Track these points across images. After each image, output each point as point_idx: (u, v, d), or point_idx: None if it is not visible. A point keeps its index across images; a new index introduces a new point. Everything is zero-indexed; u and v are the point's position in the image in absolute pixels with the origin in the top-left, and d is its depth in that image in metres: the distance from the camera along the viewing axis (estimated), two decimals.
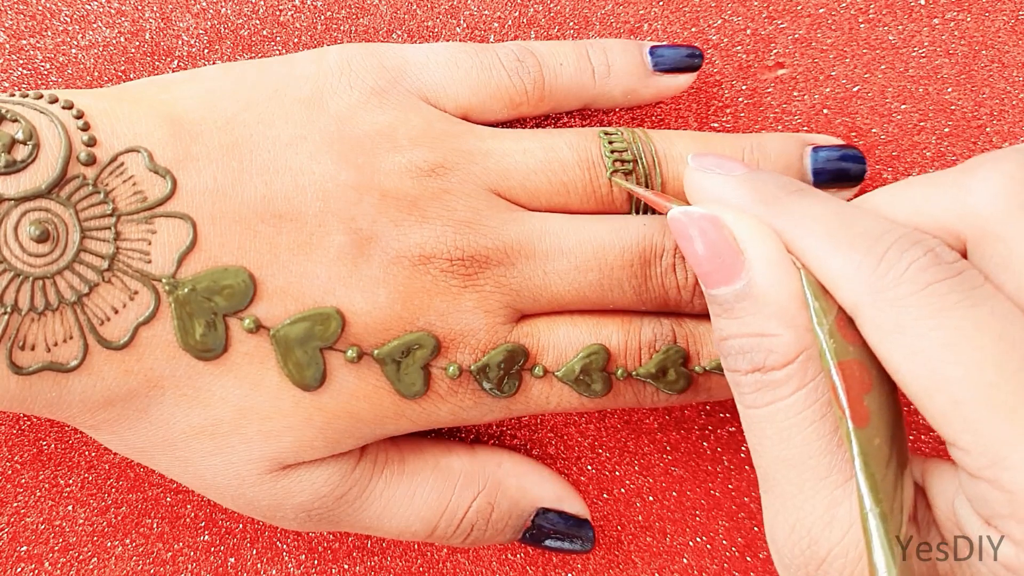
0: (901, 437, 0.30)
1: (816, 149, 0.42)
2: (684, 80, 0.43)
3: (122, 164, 0.34)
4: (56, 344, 0.33)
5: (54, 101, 0.34)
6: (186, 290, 0.34)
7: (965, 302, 0.28)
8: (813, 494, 0.31)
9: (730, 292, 0.32)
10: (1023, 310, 0.28)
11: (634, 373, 0.39)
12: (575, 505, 0.42)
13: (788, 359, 0.31)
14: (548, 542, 0.41)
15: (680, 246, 0.34)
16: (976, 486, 0.28)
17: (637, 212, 0.40)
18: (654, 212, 0.40)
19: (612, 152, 0.40)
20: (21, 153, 0.32)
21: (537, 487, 0.41)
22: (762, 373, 0.32)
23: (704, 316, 0.40)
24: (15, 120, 0.33)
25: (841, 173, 0.42)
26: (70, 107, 0.34)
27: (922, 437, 0.44)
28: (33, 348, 0.33)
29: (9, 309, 0.32)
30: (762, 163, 0.41)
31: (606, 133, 0.40)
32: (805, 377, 0.31)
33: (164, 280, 0.34)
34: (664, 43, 0.43)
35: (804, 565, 0.31)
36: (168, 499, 0.43)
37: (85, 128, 0.34)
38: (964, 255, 0.30)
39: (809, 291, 0.31)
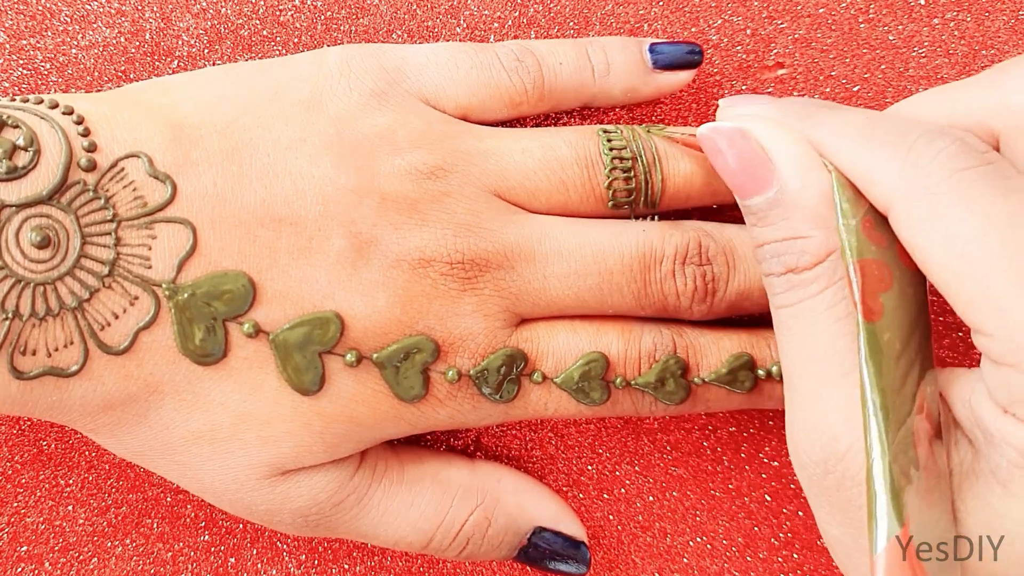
0: (921, 337, 0.31)
1: None
2: (684, 77, 0.43)
3: (122, 169, 0.34)
4: (57, 349, 0.33)
5: (54, 106, 0.34)
6: (186, 295, 0.34)
7: (996, 190, 0.28)
8: (835, 389, 0.31)
9: (763, 200, 0.33)
10: None
11: (633, 383, 0.38)
12: (572, 526, 0.42)
13: (818, 258, 0.32)
14: (544, 562, 0.41)
15: (712, 162, 0.35)
16: (998, 373, 0.28)
17: (636, 219, 0.40)
18: (653, 218, 0.40)
19: (611, 150, 0.40)
20: (22, 159, 0.33)
21: (535, 505, 0.42)
22: (795, 273, 0.32)
23: (705, 325, 0.40)
24: (16, 126, 0.33)
25: None
26: (70, 112, 0.34)
27: None
28: (34, 353, 0.33)
29: (10, 315, 0.32)
30: None
31: (605, 131, 0.40)
32: (834, 276, 0.32)
33: (164, 285, 0.34)
34: (663, 40, 0.43)
35: (823, 461, 0.31)
36: (168, 499, 0.43)
37: (85, 134, 0.34)
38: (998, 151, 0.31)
39: (838, 192, 0.32)
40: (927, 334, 0.32)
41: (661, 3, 0.44)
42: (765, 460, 0.44)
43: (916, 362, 0.31)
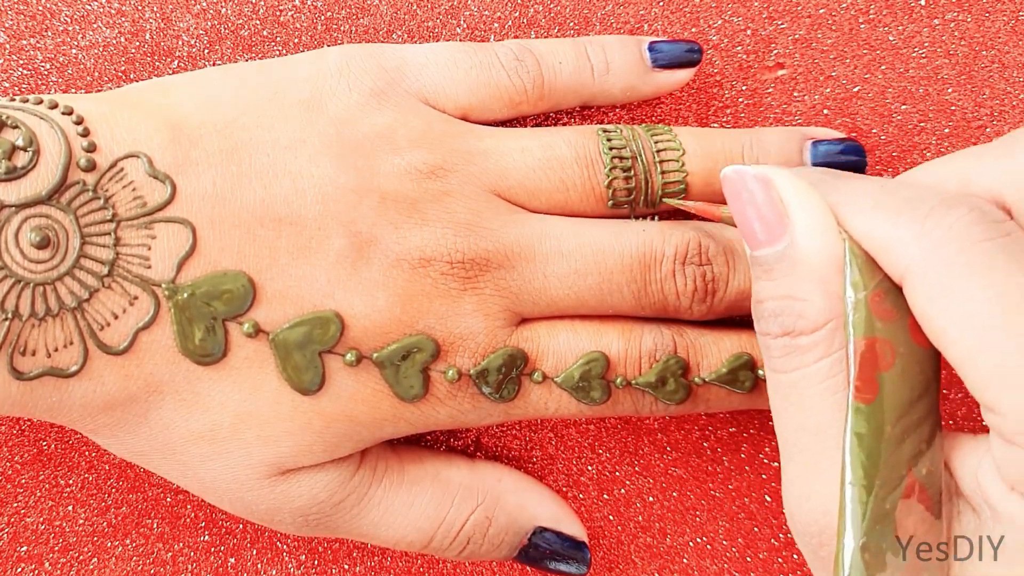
0: (923, 414, 0.30)
1: (816, 143, 0.42)
2: (683, 76, 0.43)
3: (122, 169, 0.34)
4: (56, 349, 0.33)
5: (54, 107, 0.34)
6: (185, 295, 0.34)
7: (1014, 265, 0.28)
8: (831, 465, 0.30)
9: (772, 253, 0.32)
10: None
11: (633, 382, 0.38)
12: (573, 527, 0.42)
13: (816, 325, 0.31)
14: (545, 562, 0.41)
15: (729, 205, 0.33)
16: (1008, 452, 0.28)
17: (636, 219, 0.40)
18: (653, 218, 0.40)
19: (611, 149, 0.40)
20: (21, 160, 0.33)
21: (536, 505, 0.41)
22: (791, 337, 0.32)
23: (705, 326, 0.40)
24: (15, 127, 0.33)
25: (842, 167, 0.41)
26: (69, 112, 0.34)
27: None
28: (34, 353, 0.33)
29: (10, 315, 0.32)
30: (761, 158, 0.41)
31: (604, 131, 0.40)
32: (832, 346, 0.31)
33: (164, 285, 0.34)
34: (663, 38, 0.43)
35: (818, 534, 0.31)
36: (168, 499, 0.43)
37: (85, 134, 0.34)
38: None
39: (850, 261, 0.31)
40: (932, 408, 0.31)
41: (661, 3, 0.44)
42: (765, 460, 0.44)
43: (911, 442, 0.30)
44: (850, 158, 0.42)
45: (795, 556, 0.44)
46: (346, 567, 0.44)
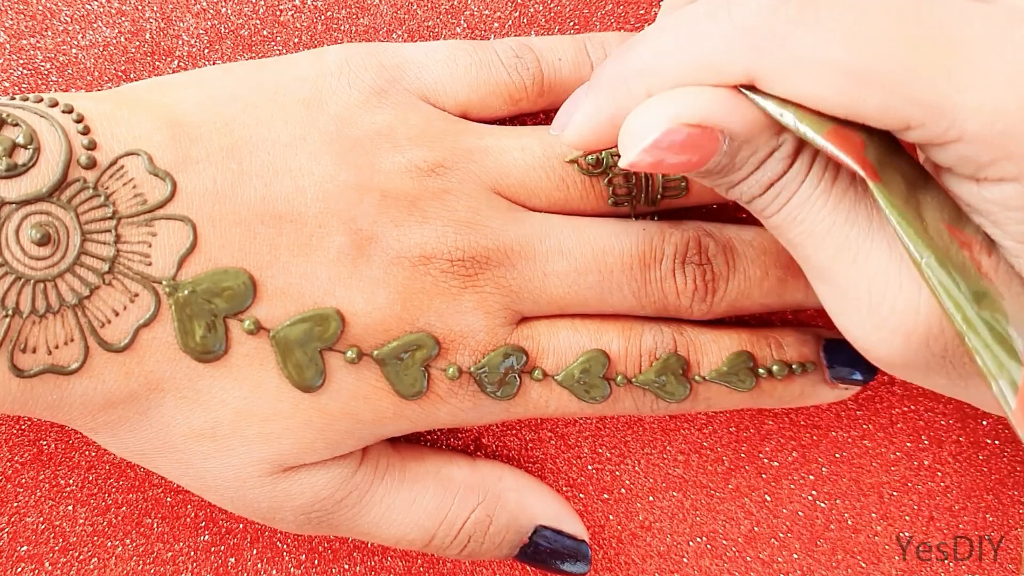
0: (907, 166, 0.30)
1: None
2: None
3: (122, 167, 0.34)
4: (57, 347, 0.33)
5: (54, 105, 0.34)
6: (186, 292, 0.34)
7: None
8: (871, 247, 0.31)
9: (722, 156, 0.31)
10: None
11: (634, 380, 0.38)
12: (573, 525, 0.42)
13: (791, 160, 0.31)
14: (546, 561, 0.41)
15: (661, 169, 0.32)
16: (953, 151, 0.28)
17: (637, 217, 0.40)
18: (654, 217, 0.40)
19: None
20: (22, 157, 0.33)
21: (537, 504, 0.41)
22: (777, 182, 0.32)
23: (705, 324, 0.40)
24: (16, 124, 0.33)
25: None
26: (70, 111, 0.34)
27: None
28: (34, 351, 0.33)
29: (10, 312, 0.32)
30: None
31: None
32: (806, 165, 0.31)
33: (164, 282, 0.34)
34: None
35: (905, 337, 0.31)
36: (168, 499, 0.43)
37: (85, 132, 0.34)
38: None
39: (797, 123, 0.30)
40: (906, 157, 0.30)
41: (661, 3, 0.44)
42: (765, 460, 0.44)
43: (929, 197, 0.29)
44: None
45: (795, 556, 0.44)
46: (346, 567, 0.44)
